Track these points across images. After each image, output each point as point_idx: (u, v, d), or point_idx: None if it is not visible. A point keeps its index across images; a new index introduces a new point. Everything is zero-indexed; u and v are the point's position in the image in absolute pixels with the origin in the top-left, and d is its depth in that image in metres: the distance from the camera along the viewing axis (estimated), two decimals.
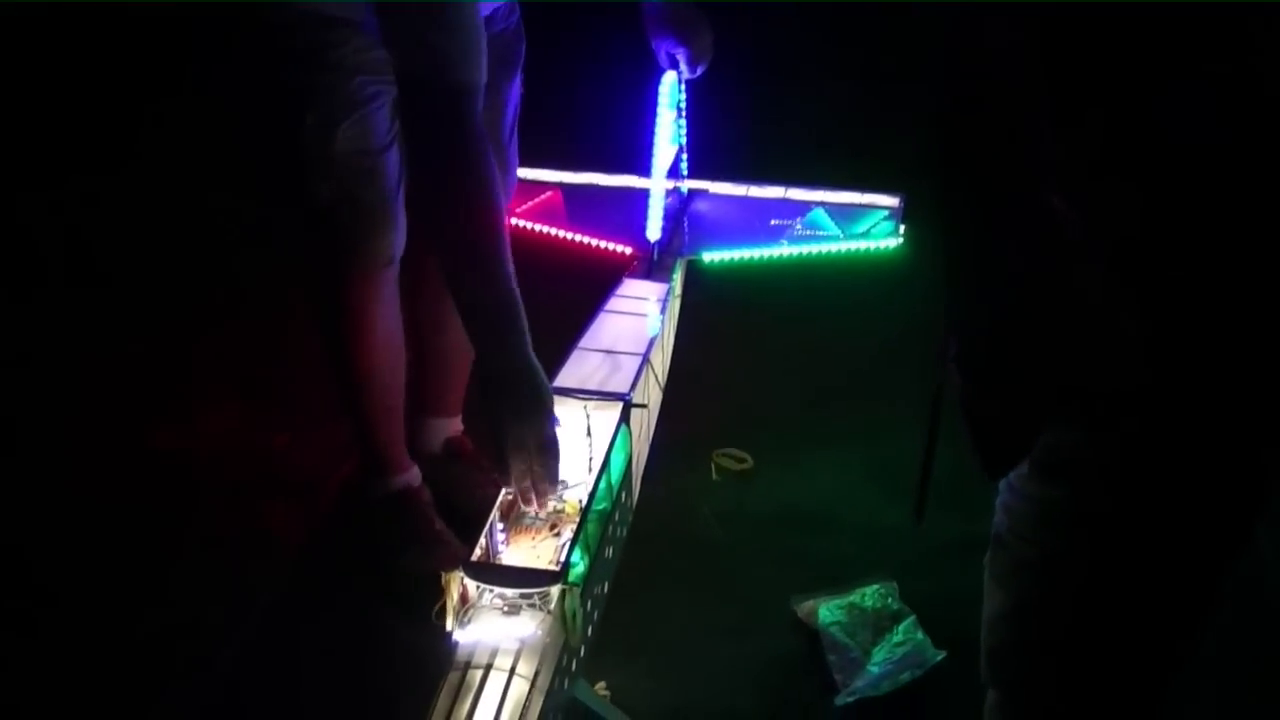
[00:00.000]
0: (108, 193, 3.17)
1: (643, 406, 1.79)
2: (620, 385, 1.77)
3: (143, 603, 1.98)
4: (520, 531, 1.58)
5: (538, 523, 1.60)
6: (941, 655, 1.84)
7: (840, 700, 1.81)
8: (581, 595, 1.43)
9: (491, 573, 1.43)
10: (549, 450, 1.55)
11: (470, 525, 1.58)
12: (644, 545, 1.84)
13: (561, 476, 1.61)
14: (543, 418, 1.55)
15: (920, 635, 1.88)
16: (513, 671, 1.34)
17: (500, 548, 1.52)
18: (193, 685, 1.84)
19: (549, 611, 1.40)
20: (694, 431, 2.31)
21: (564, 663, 1.43)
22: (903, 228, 2.22)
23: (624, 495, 1.72)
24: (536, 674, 1.35)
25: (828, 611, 1.91)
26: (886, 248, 2.20)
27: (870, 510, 2.19)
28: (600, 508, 1.61)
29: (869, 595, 1.95)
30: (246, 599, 1.99)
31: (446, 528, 2.05)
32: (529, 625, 1.39)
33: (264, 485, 2.24)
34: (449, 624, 1.40)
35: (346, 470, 2.13)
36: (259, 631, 1.95)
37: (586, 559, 1.51)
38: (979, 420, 1.12)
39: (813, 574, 2.03)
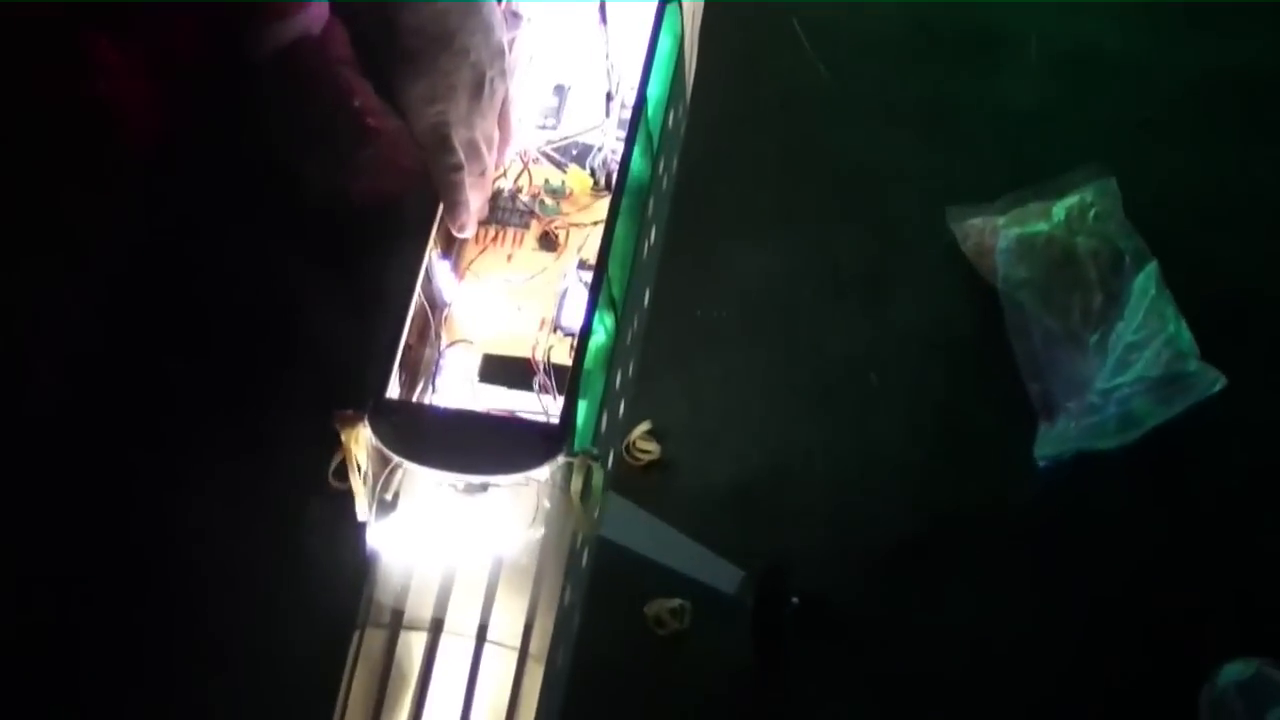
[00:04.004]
0: None
1: None
2: None
3: None
4: (482, 244, 0.86)
5: (514, 221, 0.87)
6: (1221, 382, 1.10)
7: (1042, 455, 1.08)
8: (599, 444, 0.74)
9: (420, 428, 0.73)
10: (475, 155, 0.83)
11: None
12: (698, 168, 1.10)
13: (557, 132, 0.88)
14: (477, 102, 0.82)
15: (1172, 320, 1.07)
16: (482, 634, 0.70)
17: (448, 300, 0.81)
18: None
19: (547, 482, 0.73)
20: None
21: (577, 546, 0.79)
22: None
23: (670, 127, 0.95)
24: (528, 627, 0.71)
25: (1009, 257, 1.11)
26: None
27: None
28: (638, 183, 0.86)
29: (1074, 210, 1.13)
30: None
31: (384, 105, 1.27)
32: (509, 518, 0.73)
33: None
34: (360, 509, 0.75)
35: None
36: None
37: (611, 317, 0.81)
38: None
39: (961, 159, 1.28)
